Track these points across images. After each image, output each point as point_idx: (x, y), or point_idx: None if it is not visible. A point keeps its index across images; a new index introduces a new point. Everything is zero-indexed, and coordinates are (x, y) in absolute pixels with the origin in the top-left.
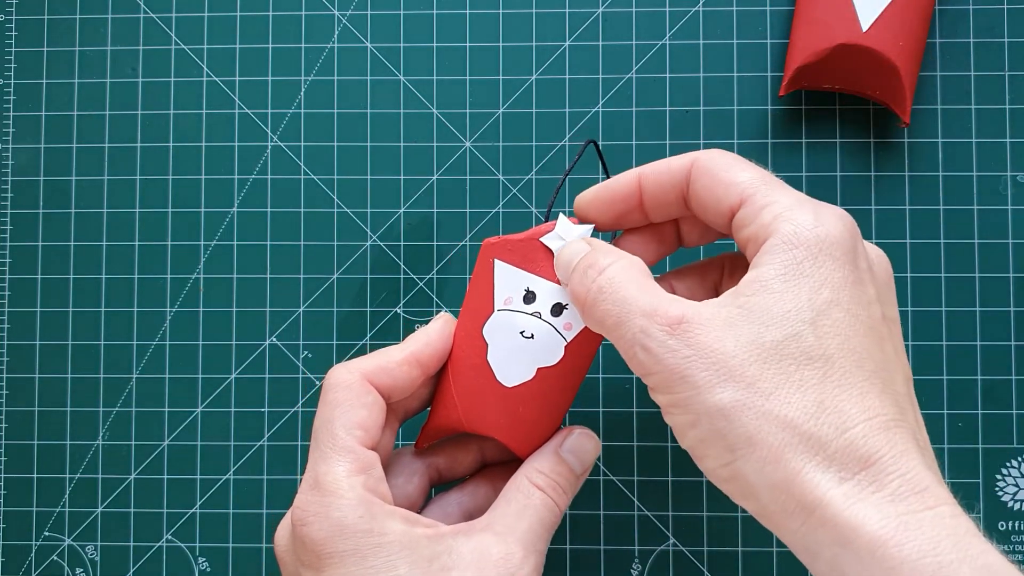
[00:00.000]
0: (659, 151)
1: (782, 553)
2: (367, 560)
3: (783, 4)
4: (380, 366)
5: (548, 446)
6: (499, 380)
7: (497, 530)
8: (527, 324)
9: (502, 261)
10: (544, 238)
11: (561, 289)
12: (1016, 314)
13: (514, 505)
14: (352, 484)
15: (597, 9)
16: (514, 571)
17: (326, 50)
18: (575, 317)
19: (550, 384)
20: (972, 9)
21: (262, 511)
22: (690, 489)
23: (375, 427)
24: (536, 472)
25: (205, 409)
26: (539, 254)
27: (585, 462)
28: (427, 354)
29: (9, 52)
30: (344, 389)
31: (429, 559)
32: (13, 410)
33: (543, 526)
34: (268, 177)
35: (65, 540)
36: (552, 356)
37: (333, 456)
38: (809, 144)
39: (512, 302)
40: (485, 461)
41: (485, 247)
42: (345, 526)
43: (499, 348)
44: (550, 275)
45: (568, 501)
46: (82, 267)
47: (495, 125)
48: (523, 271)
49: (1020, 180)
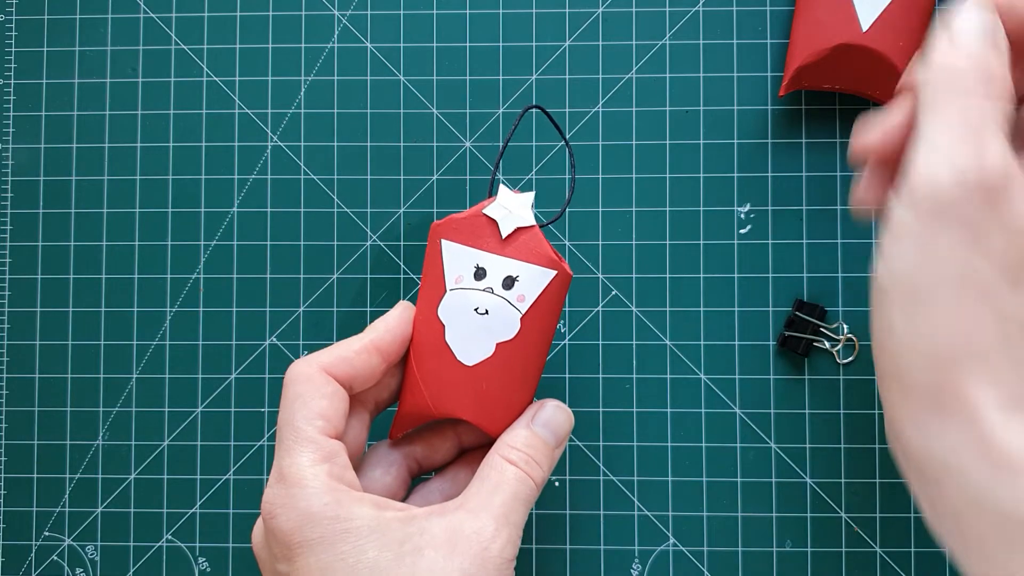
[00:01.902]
0: (659, 151)
1: (782, 553)
2: (335, 546)
3: (783, 4)
4: (338, 356)
5: (520, 421)
6: (459, 360)
7: (470, 507)
8: (480, 300)
9: (449, 240)
10: (487, 209)
11: (510, 261)
12: None
13: (487, 483)
14: (316, 473)
15: (597, 9)
16: (487, 544)
17: (326, 50)
18: (528, 288)
19: (511, 358)
20: None
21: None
22: (690, 489)
23: (336, 416)
24: (508, 447)
25: (205, 409)
26: (485, 230)
27: (558, 434)
28: (387, 341)
29: (9, 52)
30: (303, 382)
31: (400, 541)
32: (13, 410)
33: (517, 500)
34: (268, 177)
35: (65, 540)
36: (509, 330)
37: (295, 448)
38: (809, 144)
39: (463, 280)
40: (463, 446)
41: (432, 229)
42: (311, 514)
43: (455, 328)
44: (498, 249)
45: (544, 475)
46: (82, 267)
47: (495, 125)
48: (471, 248)
49: None
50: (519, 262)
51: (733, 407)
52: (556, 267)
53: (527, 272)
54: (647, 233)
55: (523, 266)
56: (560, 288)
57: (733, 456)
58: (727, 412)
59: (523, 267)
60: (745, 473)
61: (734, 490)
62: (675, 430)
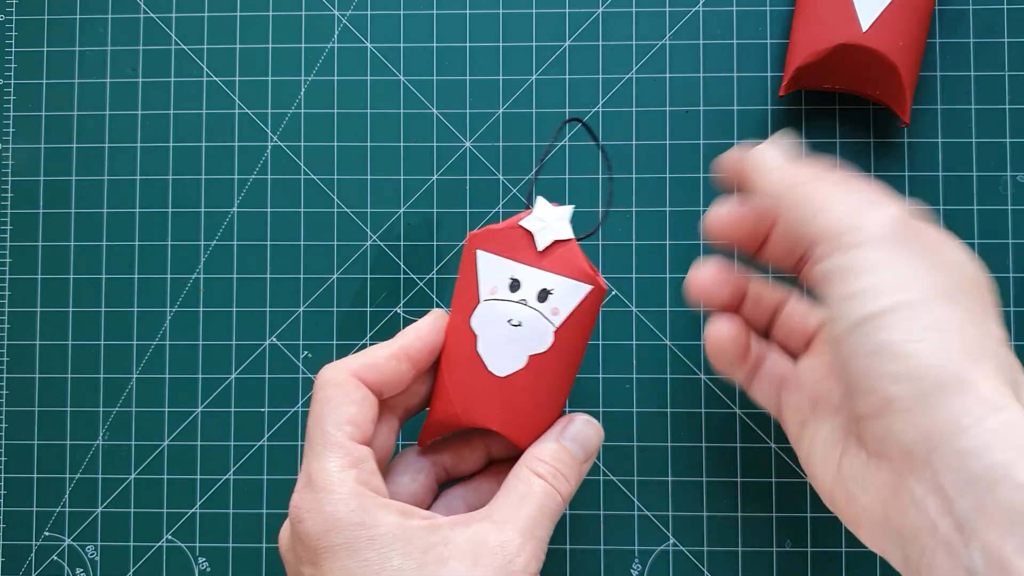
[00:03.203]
0: (659, 151)
1: (782, 553)
2: (360, 553)
3: (783, 4)
4: (368, 363)
5: (549, 433)
6: (491, 370)
7: (495, 519)
8: (514, 312)
9: (485, 251)
10: (524, 221)
11: (545, 275)
12: (1016, 314)
13: (514, 494)
14: (343, 479)
15: (597, 9)
16: (511, 558)
17: (326, 50)
18: (562, 302)
19: (543, 371)
20: (972, 9)
21: (262, 511)
22: (690, 489)
23: (365, 422)
24: (536, 460)
25: (205, 409)
26: (522, 241)
27: (588, 449)
28: (416, 348)
29: (9, 52)
30: (333, 387)
31: (424, 550)
32: (13, 410)
33: (543, 513)
34: (268, 177)
35: (65, 540)
36: (542, 342)
37: (324, 452)
38: (809, 144)
39: (497, 291)
40: (491, 457)
41: (468, 239)
42: (337, 520)
43: (488, 338)
44: (534, 261)
45: (572, 489)
46: (82, 267)
47: (495, 125)
48: (507, 259)
49: (1020, 180)
50: (554, 275)
51: (733, 407)
52: (592, 282)
53: (562, 285)
54: (647, 233)
55: (558, 279)
56: (594, 303)
57: (733, 456)
58: (727, 412)
59: (558, 280)
60: (745, 473)
61: (734, 490)
62: (675, 430)
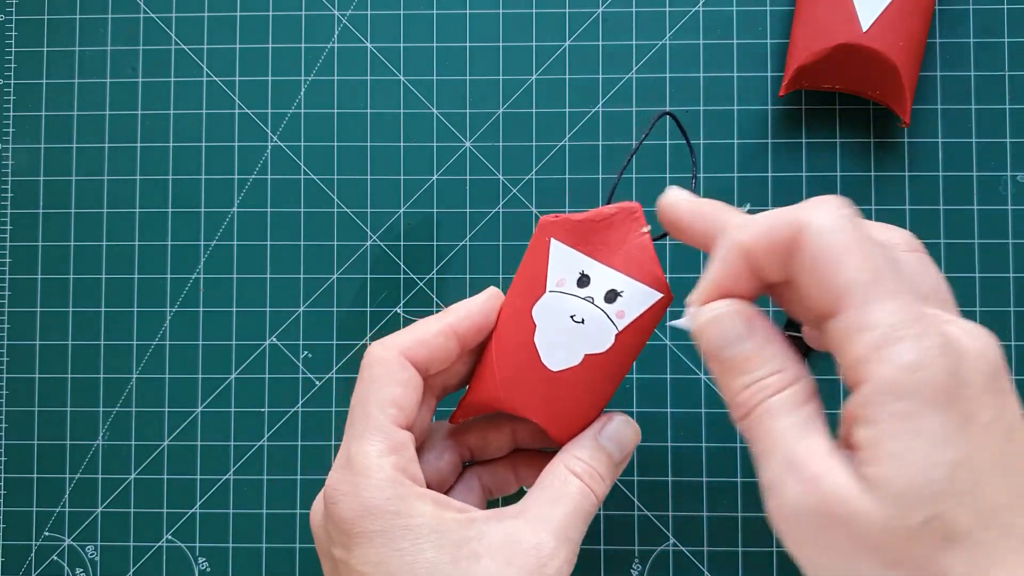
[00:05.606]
0: (659, 151)
1: (782, 553)
2: (395, 542)
3: (783, 4)
4: (417, 339)
5: (587, 432)
6: (544, 363)
7: (530, 518)
8: (579, 308)
9: (559, 241)
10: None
11: (617, 275)
12: (1016, 314)
13: (549, 492)
14: (382, 464)
15: (597, 9)
16: (544, 561)
17: (326, 50)
18: (629, 305)
19: (596, 372)
20: (972, 9)
21: (262, 511)
22: (690, 489)
23: (409, 405)
24: (574, 459)
25: (205, 409)
26: (598, 236)
27: (625, 449)
28: (465, 326)
29: (9, 52)
30: (380, 365)
31: (458, 544)
32: (13, 410)
33: (578, 515)
34: (268, 177)
35: (65, 540)
36: (601, 343)
37: (366, 435)
38: (809, 144)
39: (565, 284)
40: (516, 444)
41: (542, 225)
42: (374, 507)
43: (547, 330)
44: (607, 259)
45: (606, 490)
46: (82, 267)
47: (495, 125)
48: (580, 253)
49: (1020, 180)
50: (626, 277)
51: None
52: (664, 290)
53: (632, 289)
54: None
55: (629, 282)
56: (660, 311)
57: (733, 456)
58: (727, 412)
59: (629, 283)
60: (745, 473)
61: (734, 490)
62: (675, 430)
